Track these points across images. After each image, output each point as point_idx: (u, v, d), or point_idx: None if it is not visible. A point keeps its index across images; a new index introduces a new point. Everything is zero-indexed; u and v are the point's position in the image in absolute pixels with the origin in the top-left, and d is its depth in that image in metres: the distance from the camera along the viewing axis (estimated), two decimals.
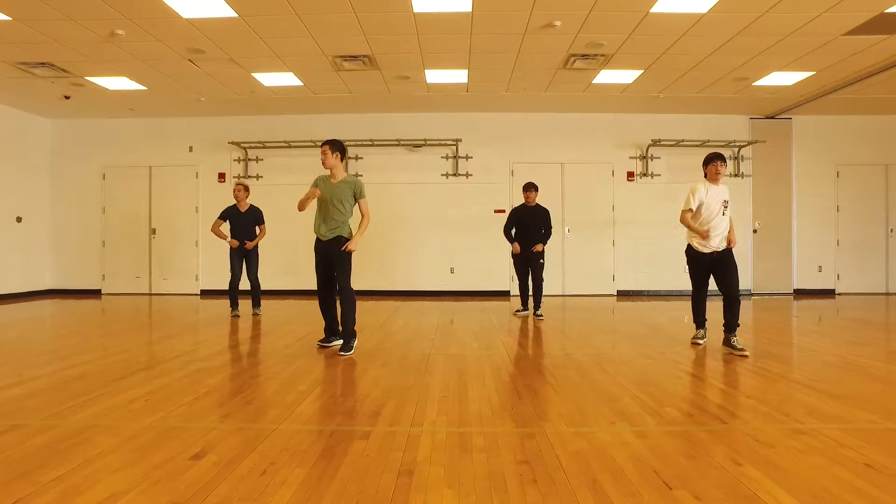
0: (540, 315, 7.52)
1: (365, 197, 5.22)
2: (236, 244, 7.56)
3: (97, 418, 3.19)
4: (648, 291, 10.92)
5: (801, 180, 11.07)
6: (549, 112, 10.76)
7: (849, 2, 6.00)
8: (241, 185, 7.70)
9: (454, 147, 10.88)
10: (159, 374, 4.29)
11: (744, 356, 4.98)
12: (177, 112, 10.73)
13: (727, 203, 5.30)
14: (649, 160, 10.91)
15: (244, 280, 7.62)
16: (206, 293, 10.98)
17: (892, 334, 6.61)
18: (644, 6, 6.21)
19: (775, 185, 11.01)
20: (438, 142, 10.79)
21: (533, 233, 7.59)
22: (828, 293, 11.02)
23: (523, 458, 2.59)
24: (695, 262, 5.41)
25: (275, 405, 3.49)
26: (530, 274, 7.71)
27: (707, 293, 5.47)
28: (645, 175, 10.93)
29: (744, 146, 10.81)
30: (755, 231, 10.99)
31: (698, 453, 2.66)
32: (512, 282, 10.45)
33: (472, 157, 10.91)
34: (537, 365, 4.74)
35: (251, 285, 7.72)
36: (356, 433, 2.96)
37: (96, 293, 11.13)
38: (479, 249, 10.73)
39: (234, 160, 11.08)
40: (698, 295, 5.48)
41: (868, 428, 3.04)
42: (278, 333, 6.37)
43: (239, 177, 10.92)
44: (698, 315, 5.53)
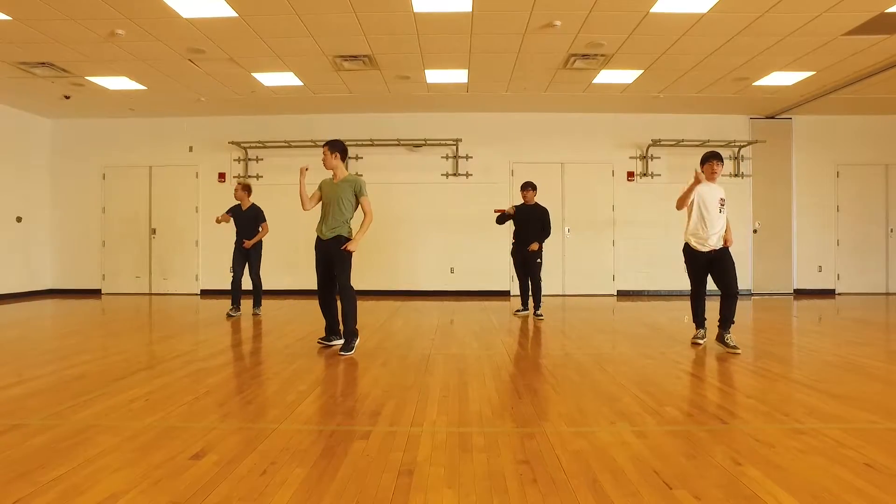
0: (540, 315, 7.53)
1: (366, 195, 5.20)
2: (228, 219, 7.62)
3: (97, 418, 3.19)
4: (648, 291, 10.92)
5: (801, 180, 11.07)
6: (549, 112, 10.76)
7: (849, 2, 6.00)
8: (240, 185, 7.73)
9: (454, 147, 10.88)
10: (159, 374, 4.29)
11: (736, 353, 5.03)
12: (177, 112, 10.74)
13: (723, 200, 5.31)
14: (649, 160, 10.91)
15: (247, 280, 7.63)
16: (206, 293, 10.98)
17: (892, 334, 6.61)
18: (644, 6, 6.21)
19: (775, 185, 11.01)
20: (438, 142, 10.79)
21: (531, 232, 7.59)
22: (828, 293, 11.02)
23: (523, 458, 2.59)
24: (692, 261, 5.41)
25: (275, 405, 3.49)
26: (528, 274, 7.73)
27: (706, 292, 5.47)
28: (645, 175, 10.93)
29: (744, 146, 10.81)
30: (755, 231, 10.99)
31: (698, 453, 2.66)
32: (512, 282, 10.45)
33: (472, 157, 10.92)
34: (537, 365, 4.74)
35: (253, 284, 7.73)
36: (356, 433, 2.96)
37: (96, 293, 11.13)
38: (479, 249, 10.73)
39: (234, 160, 11.09)
40: (697, 294, 5.47)
41: (868, 428, 3.04)
42: (278, 333, 6.37)
43: (239, 176, 10.93)
44: (698, 315, 5.52)
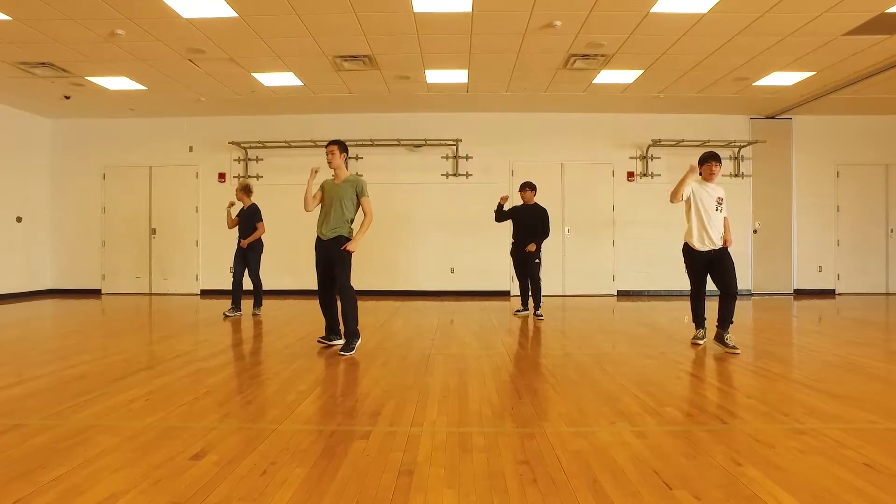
0: (540, 315, 7.52)
1: (367, 195, 5.21)
2: (235, 222, 7.73)
3: (97, 418, 3.19)
4: (648, 291, 10.92)
5: (801, 180, 11.07)
6: (549, 112, 10.76)
7: (849, 2, 6.00)
8: (239, 187, 7.78)
9: (454, 147, 10.88)
10: (159, 374, 4.29)
11: (735, 353, 5.03)
12: (177, 112, 10.73)
13: (721, 200, 5.30)
14: (649, 160, 10.91)
15: (248, 280, 7.64)
16: (206, 293, 10.98)
17: (893, 334, 6.61)
18: (644, 6, 6.21)
19: (775, 185, 11.01)
20: (438, 142, 10.79)
21: (530, 232, 7.58)
22: (828, 293, 11.01)
23: (523, 458, 2.59)
24: (692, 261, 5.41)
25: (275, 405, 3.49)
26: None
27: (706, 292, 5.46)
28: (645, 175, 10.93)
29: (744, 146, 10.81)
30: (755, 231, 10.99)
31: (698, 453, 2.66)
32: (512, 282, 10.45)
33: (472, 157, 10.92)
34: (537, 365, 4.74)
35: (252, 285, 7.73)
36: (356, 433, 2.96)
37: (96, 293, 11.13)
38: (480, 249, 10.73)
39: (234, 160, 11.09)
40: (697, 294, 5.47)
41: (868, 428, 3.04)
42: (278, 333, 6.37)
43: (240, 176, 10.93)
44: (698, 315, 5.52)
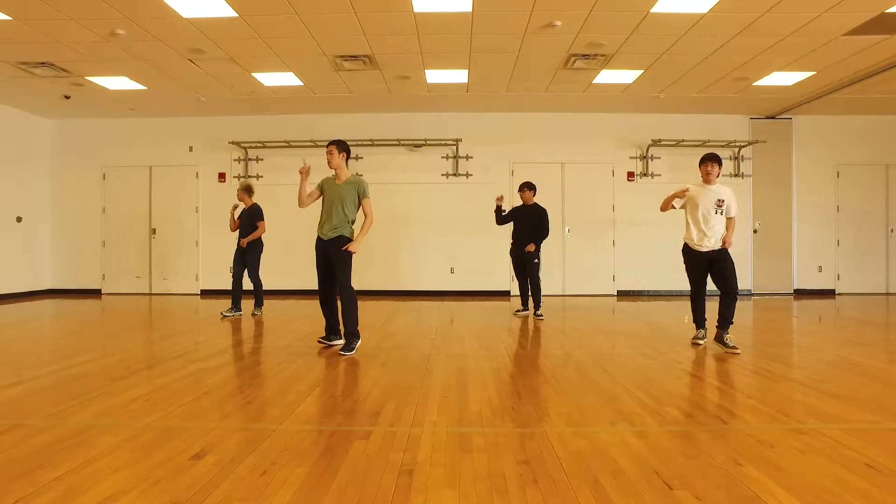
0: (540, 315, 7.52)
1: (368, 197, 5.20)
2: (236, 225, 7.72)
3: (97, 418, 3.19)
4: (648, 291, 10.91)
5: (801, 180, 11.06)
6: (549, 112, 10.75)
7: (849, 2, 5.99)
8: (240, 188, 7.78)
9: (454, 147, 10.88)
10: (159, 374, 4.29)
11: (735, 353, 5.03)
12: (177, 112, 10.73)
13: (722, 202, 5.25)
14: (649, 160, 10.91)
15: (248, 280, 7.63)
16: (206, 293, 10.97)
17: (893, 334, 6.61)
18: (644, 6, 6.21)
19: (775, 185, 11.00)
20: (438, 142, 10.79)
21: (529, 233, 7.56)
22: (828, 293, 11.01)
23: (524, 459, 2.59)
24: (691, 261, 5.41)
25: (275, 405, 3.49)
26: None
27: (706, 292, 5.46)
28: (645, 175, 10.93)
29: (744, 146, 10.81)
30: (755, 231, 10.99)
31: (699, 453, 2.66)
32: (512, 282, 10.44)
33: (472, 157, 10.91)
34: (537, 365, 4.74)
35: (252, 285, 7.71)
36: (356, 433, 2.96)
37: (96, 293, 11.12)
38: (480, 249, 10.72)
39: (235, 160, 11.08)
40: (697, 294, 5.46)
41: (869, 428, 3.04)
42: (279, 333, 6.37)
43: (240, 176, 10.92)
44: (698, 315, 5.51)
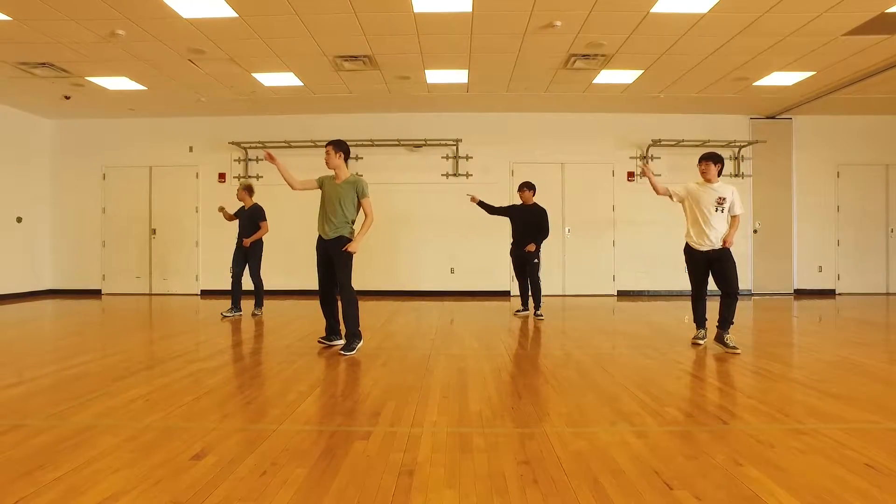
0: (540, 315, 7.52)
1: (368, 196, 5.18)
2: (231, 217, 7.75)
3: (97, 418, 3.19)
4: (649, 291, 10.91)
5: (801, 180, 11.06)
6: (549, 112, 10.75)
7: (849, 2, 5.99)
8: (242, 187, 7.79)
9: (454, 147, 10.88)
10: (159, 374, 4.29)
11: (735, 353, 5.04)
12: (177, 112, 10.73)
13: (723, 200, 5.23)
14: (649, 160, 10.90)
15: (248, 280, 7.62)
16: (206, 293, 10.97)
17: (893, 334, 6.61)
18: (644, 6, 6.21)
19: (775, 185, 11.00)
20: (438, 142, 10.79)
21: (528, 233, 7.56)
22: (828, 293, 11.01)
23: (524, 459, 2.59)
24: (691, 260, 5.41)
25: (275, 405, 3.49)
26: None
27: (707, 293, 5.45)
28: (645, 175, 10.90)
29: (744, 146, 10.81)
30: (755, 231, 10.99)
31: (699, 453, 2.66)
32: (512, 282, 10.43)
33: (472, 157, 10.91)
34: (537, 365, 4.74)
35: (253, 285, 7.71)
36: (357, 433, 2.96)
37: (96, 293, 11.12)
38: (480, 249, 10.72)
39: (235, 160, 11.08)
40: (698, 294, 5.46)
41: (869, 428, 3.04)
42: (279, 333, 6.37)
43: (240, 176, 10.92)
44: (698, 315, 5.51)
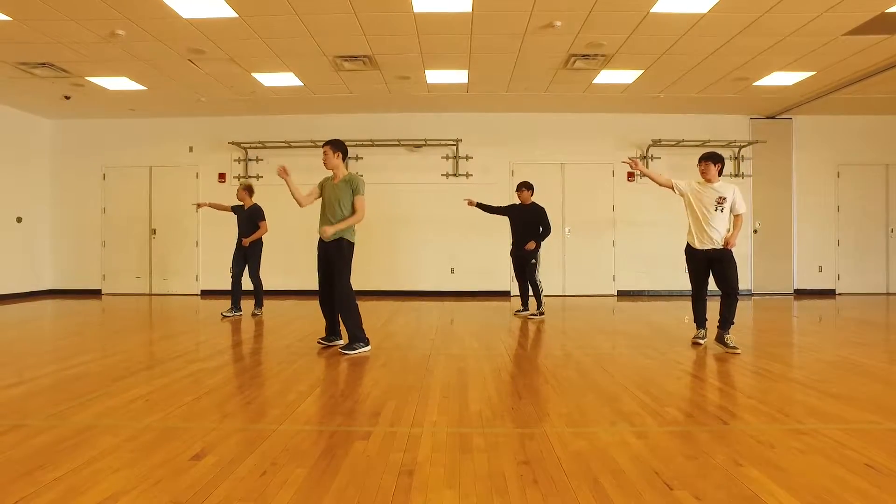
0: (535, 315, 7.48)
1: (362, 194, 5.11)
2: (219, 208, 7.94)
3: (97, 418, 3.19)
4: (649, 291, 10.91)
5: (801, 180, 11.06)
6: (549, 112, 10.75)
7: (849, 2, 5.99)
8: (242, 186, 7.79)
9: (454, 147, 10.87)
10: (159, 374, 4.29)
11: (735, 353, 5.04)
12: (177, 112, 10.73)
13: (723, 200, 5.21)
14: (650, 160, 10.90)
15: (248, 280, 7.62)
16: (207, 293, 10.97)
17: (893, 334, 6.61)
18: (644, 6, 6.21)
19: (775, 185, 11.00)
20: (438, 142, 10.79)
21: (527, 233, 7.54)
22: (828, 293, 11.01)
23: (524, 459, 2.59)
24: (691, 260, 5.41)
25: (275, 405, 3.49)
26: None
27: (707, 293, 5.46)
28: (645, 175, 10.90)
29: (744, 146, 10.81)
30: (755, 231, 10.99)
31: (699, 453, 2.66)
32: (512, 282, 10.44)
33: (472, 157, 10.91)
34: (537, 365, 4.74)
35: (253, 285, 7.71)
36: (357, 433, 2.96)
37: (96, 293, 11.12)
38: (480, 249, 10.72)
39: (235, 160, 11.08)
40: (698, 295, 5.46)
41: (869, 428, 3.04)
42: (279, 333, 6.37)
43: (240, 176, 10.92)
44: (698, 315, 5.51)
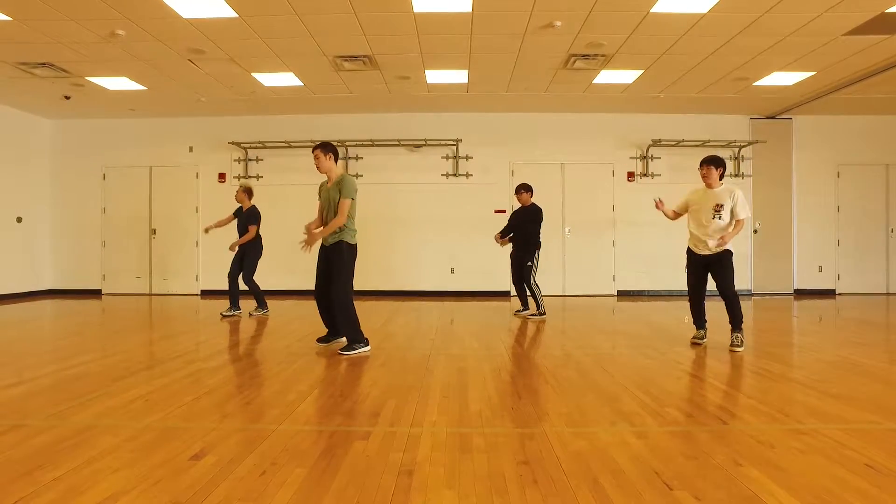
0: (535, 315, 7.48)
1: (347, 197, 4.89)
2: (224, 224, 7.88)
3: (97, 418, 3.19)
4: (649, 291, 10.91)
5: (801, 180, 11.06)
6: (549, 112, 10.75)
7: (849, 2, 5.99)
8: (241, 188, 7.77)
9: (454, 147, 10.87)
10: (159, 374, 4.29)
11: (735, 351, 5.10)
12: (177, 112, 10.73)
13: (720, 207, 5.18)
14: (649, 160, 10.91)
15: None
16: (206, 293, 10.97)
17: (893, 334, 6.61)
18: (644, 6, 6.20)
19: (775, 185, 11.00)
20: (438, 142, 10.79)
21: (519, 234, 7.53)
22: (828, 293, 11.01)
23: (524, 459, 2.59)
24: (690, 263, 5.49)
25: (275, 405, 3.49)
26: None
27: (705, 293, 5.48)
28: (645, 175, 10.92)
29: (744, 146, 10.81)
30: (755, 231, 10.99)
31: (699, 454, 2.66)
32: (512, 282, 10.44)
33: (472, 157, 10.91)
34: (537, 365, 4.74)
35: (249, 289, 7.65)
36: (356, 433, 2.96)
37: (96, 293, 11.12)
38: (480, 249, 10.70)
39: (235, 160, 11.08)
40: (695, 296, 5.51)
41: (869, 428, 3.04)
42: (278, 333, 6.37)
43: (240, 176, 10.93)
44: (697, 315, 5.54)
